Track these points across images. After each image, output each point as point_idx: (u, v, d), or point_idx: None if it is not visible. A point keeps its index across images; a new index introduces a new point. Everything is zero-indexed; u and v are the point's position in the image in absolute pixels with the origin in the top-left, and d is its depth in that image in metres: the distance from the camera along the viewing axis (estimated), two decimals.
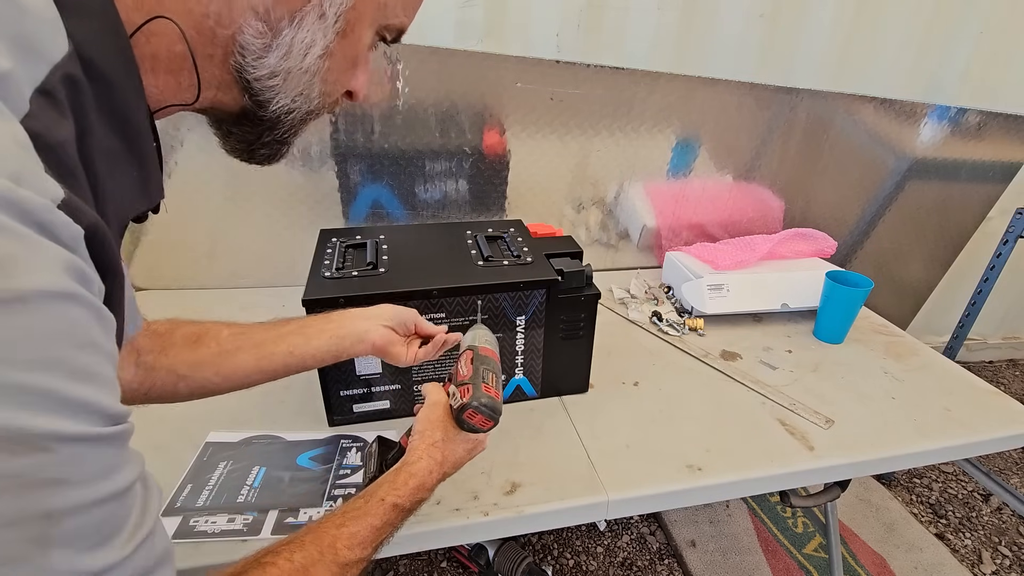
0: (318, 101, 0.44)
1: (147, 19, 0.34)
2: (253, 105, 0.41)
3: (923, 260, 1.74)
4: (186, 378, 0.60)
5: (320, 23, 0.39)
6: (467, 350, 0.65)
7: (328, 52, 0.41)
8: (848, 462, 0.87)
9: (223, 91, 0.40)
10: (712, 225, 1.50)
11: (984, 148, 1.52)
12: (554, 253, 0.93)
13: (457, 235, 0.98)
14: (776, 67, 1.36)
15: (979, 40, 1.45)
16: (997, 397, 1.03)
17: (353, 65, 0.45)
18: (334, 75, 0.43)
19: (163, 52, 0.35)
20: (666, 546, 1.51)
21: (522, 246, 0.94)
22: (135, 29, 0.33)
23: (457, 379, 0.63)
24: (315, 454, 0.80)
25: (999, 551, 1.54)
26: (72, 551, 0.25)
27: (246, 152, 0.45)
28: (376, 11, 0.43)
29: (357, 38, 0.43)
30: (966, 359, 2.33)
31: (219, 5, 0.36)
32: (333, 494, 0.73)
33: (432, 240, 0.97)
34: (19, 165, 0.24)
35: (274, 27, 0.38)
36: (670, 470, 0.82)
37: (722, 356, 1.12)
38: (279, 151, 0.46)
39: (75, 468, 0.25)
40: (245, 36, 0.37)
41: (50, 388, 0.23)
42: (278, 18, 0.38)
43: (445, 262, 0.89)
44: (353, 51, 0.43)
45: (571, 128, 1.28)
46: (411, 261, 0.88)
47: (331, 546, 0.46)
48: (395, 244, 0.93)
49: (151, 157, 0.37)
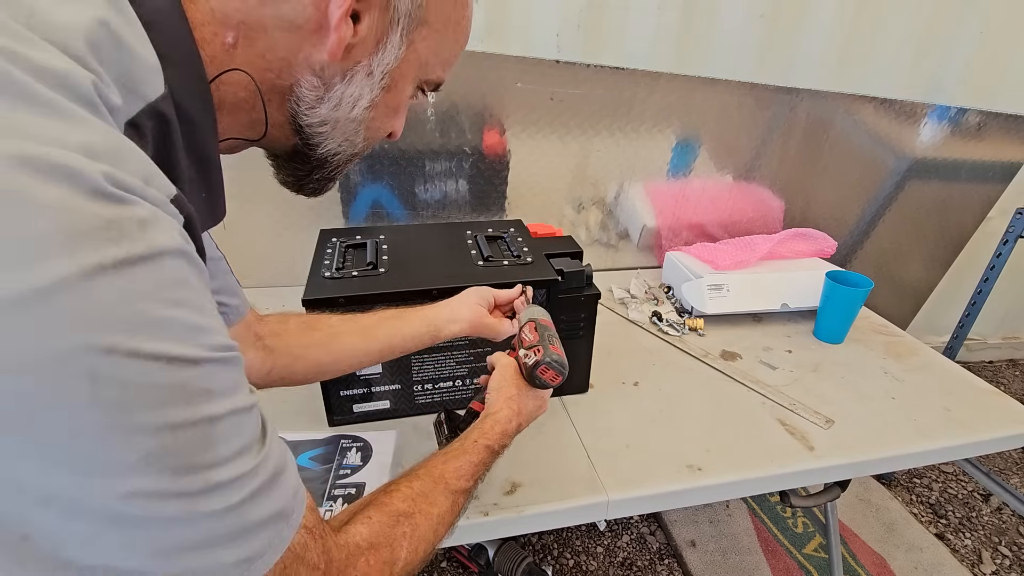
0: (362, 145, 0.50)
1: (223, 71, 0.40)
2: (304, 146, 0.47)
3: (923, 260, 1.74)
4: (301, 359, 0.69)
5: (368, 80, 0.45)
6: (528, 322, 0.71)
7: (373, 104, 0.46)
8: (848, 462, 0.87)
9: (278, 130, 0.46)
10: (712, 225, 1.50)
11: (984, 148, 1.52)
12: (554, 253, 0.93)
13: (457, 235, 0.98)
14: (776, 67, 1.36)
15: (979, 40, 1.45)
16: (997, 397, 1.03)
17: (395, 113, 0.51)
18: (377, 123, 0.49)
19: (230, 97, 0.42)
20: (666, 546, 1.51)
21: (522, 246, 0.94)
22: (213, 77, 0.40)
23: (524, 344, 0.69)
24: (315, 454, 0.80)
25: (999, 551, 1.54)
26: (226, 449, 0.31)
27: (295, 185, 0.51)
28: (418, 69, 0.48)
29: (400, 91, 0.48)
30: (966, 359, 2.33)
31: (280, 63, 0.41)
32: (333, 494, 0.73)
33: (432, 240, 0.97)
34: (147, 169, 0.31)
35: (327, 82, 0.43)
36: (670, 470, 0.82)
37: (722, 356, 1.12)
38: (325, 186, 0.52)
39: (217, 381, 0.30)
40: (301, 89, 0.43)
41: (186, 320, 0.29)
42: (331, 75, 0.43)
43: (445, 262, 0.89)
44: (396, 102, 0.49)
45: (571, 128, 1.28)
46: (411, 261, 0.88)
47: (441, 477, 0.54)
48: (395, 244, 0.93)
49: (218, 183, 0.44)
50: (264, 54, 0.40)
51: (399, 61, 0.45)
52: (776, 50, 1.35)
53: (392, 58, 0.45)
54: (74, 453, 0.26)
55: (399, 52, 0.45)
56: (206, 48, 0.38)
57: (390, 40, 0.44)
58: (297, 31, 0.40)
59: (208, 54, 0.39)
